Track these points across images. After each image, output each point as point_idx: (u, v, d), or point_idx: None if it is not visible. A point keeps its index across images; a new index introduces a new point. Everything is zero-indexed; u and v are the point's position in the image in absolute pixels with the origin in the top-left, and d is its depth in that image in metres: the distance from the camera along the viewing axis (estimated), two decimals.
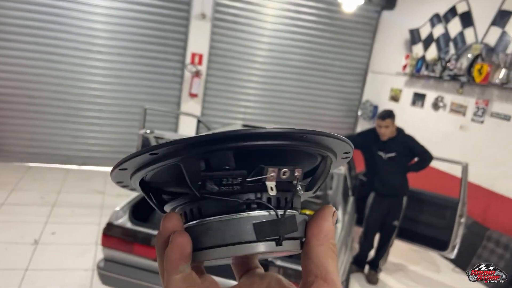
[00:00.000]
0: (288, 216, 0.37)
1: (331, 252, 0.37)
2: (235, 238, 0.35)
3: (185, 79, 6.11)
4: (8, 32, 5.38)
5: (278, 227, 0.36)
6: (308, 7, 6.42)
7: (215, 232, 0.35)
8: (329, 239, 0.38)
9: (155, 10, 5.81)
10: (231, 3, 6.11)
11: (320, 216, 0.39)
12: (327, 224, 0.38)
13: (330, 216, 0.39)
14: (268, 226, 0.35)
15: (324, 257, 0.37)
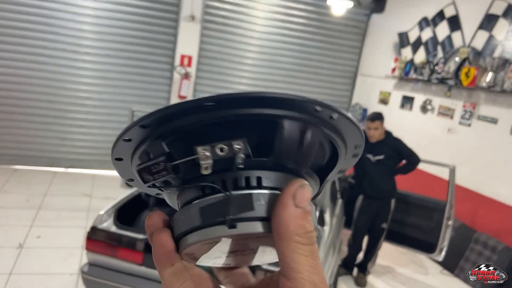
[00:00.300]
0: (239, 195, 0.33)
1: (297, 244, 0.31)
2: (187, 225, 0.34)
3: (174, 81, 6.08)
4: None
5: (225, 208, 0.33)
6: (298, 10, 6.42)
7: (176, 222, 0.35)
8: (291, 231, 0.31)
9: (143, 11, 5.77)
10: (221, 5, 6.09)
11: (278, 201, 0.32)
12: (288, 212, 0.32)
13: (291, 197, 0.32)
14: (213, 208, 0.33)
15: (286, 253, 0.31)
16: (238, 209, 0.32)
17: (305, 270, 0.31)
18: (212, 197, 0.34)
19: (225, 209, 0.33)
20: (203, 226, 0.33)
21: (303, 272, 0.31)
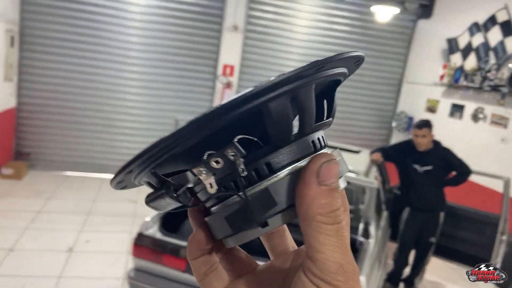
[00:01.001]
0: (256, 194, 0.32)
1: (320, 224, 0.30)
2: (222, 233, 0.35)
3: (216, 90, 6.16)
4: (49, 45, 5.60)
5: (249, 214, 0.32)
6: (341, 17, 6.35)
7: (211, 228, 0.36)
8: (314, 210, 0.30)
9: (188, 23, 5.91)
10: (263, 14, 6.13)
11: (301, 178, 0.31)
12: (310, 191, 0.30)
13: (315, 175, 0.30)
14: (238, 216, 0.33)
15: (310, 233, 0.30)
16: (262, 209, 0.32)
17: (328, 250, 0.30)
18: (231, 203, 0.33)
19: (250, 215, 0.32)
20: (236, 233, 0.34)
21: (326, 253, 0.30)
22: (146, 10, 5.78)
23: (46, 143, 5.89)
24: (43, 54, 5.61)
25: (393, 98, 6.90)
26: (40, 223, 4.26)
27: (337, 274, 0.29)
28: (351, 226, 0.37)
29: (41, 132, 5.87)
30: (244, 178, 0.32)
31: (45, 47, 5.60)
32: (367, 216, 2.98)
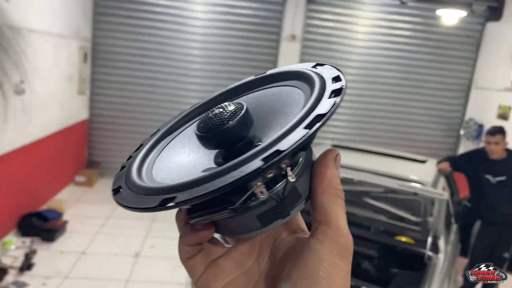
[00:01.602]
0: (289, 194, 0.37)
1: (336, 197, 0.38)
2: (243, 231, 0.39)
3: None
4: (118, 60, 5.95)
5: (281, 210, 0.38)
6: (403, 22, 6.17)
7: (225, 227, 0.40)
8: (333, 185, 0.39)
9: (246, 34, 6.02)
10: (322, 23, 6.10)
11: (322, 163, 0.39)
12: (330, 171, 0.39)
13: (333, 162, 0.39)
14: (271, 213, 0.37)
15: (328, 203, 0.38)
16: (292, 203, 0.38)
17: (341, 219, 0.38)
18: (267, 202, 0.37)
19: (284, 210, 0.38)
20: (264, 227, 0.38)
21: (341, 220, 0.38)
22: (207, 24, 5.97)
23: (115, 152, 6.23)
24: (113, 69, 5.97)
25: (460, 105, 6.55)
26: (109, 228, 4.49)
27: (347, 238, 0.38)
28: (418, 240, 0.40)
29: (111, 142, 6.22)
30: (285, 181, 0.37)
31: (115, 62, 5.95)
32: (436, 229, 2.84)
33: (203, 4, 5.93)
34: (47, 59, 4.49)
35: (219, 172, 0.34)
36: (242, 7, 5.95)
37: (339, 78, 0.44)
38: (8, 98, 3.67)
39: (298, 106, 0.42)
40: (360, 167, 3.10)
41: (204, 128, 0.40)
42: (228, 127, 0.39)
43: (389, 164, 3.51)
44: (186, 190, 0.35)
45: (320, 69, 0.47)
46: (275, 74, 0.50)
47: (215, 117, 0.40)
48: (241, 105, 0.41)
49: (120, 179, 0.42)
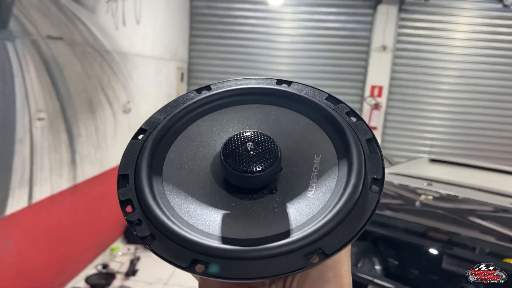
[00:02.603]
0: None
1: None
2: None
3: (364, 112, 6.05)
4: (211, 78, 6.26)
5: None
6: (506, 27, 5.67)
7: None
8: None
9: (334, 47, 5.98)
10: (415, 31, 5.85)
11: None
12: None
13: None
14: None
15: None
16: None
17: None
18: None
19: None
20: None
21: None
22: (295, 39, 6.05)
23: None
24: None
25: None
26: None
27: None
28: None
29: None
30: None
31: (208, 80, 6.28)
32: None
33: (291, 20, 6.03)
34: (149, 80, 4.89)
35: (259, 256, 0.35)
36: (330, 20, 5.94)
37: (368, 132, 0.43)
38: (117, 116, 4.05)
39: (330, 168, 0.41)
40: (465, 184, 2.89)
41: (236, 165, 0.38)
42: (263, 174, 0.38)
43: (497, 180, 3.22)
44: (225, 260, 0.35)
45: (331, 103, 0.47)
46: (297, 97, 0.46)
47: (247, 154, 0.38)
48: (276, 149, 0.39)
49: (129, 192, 0.40)
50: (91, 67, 3.50)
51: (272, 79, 0.49)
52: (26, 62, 2.64)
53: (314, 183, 0.40)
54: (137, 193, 0.39)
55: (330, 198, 0.39)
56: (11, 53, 2.50)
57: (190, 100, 0.47)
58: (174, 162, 0.43)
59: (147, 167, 0.41)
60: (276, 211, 0.39)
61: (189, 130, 0.45)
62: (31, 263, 2.91)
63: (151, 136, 0.43)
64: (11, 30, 2.49)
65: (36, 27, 2.73)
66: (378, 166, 0.40)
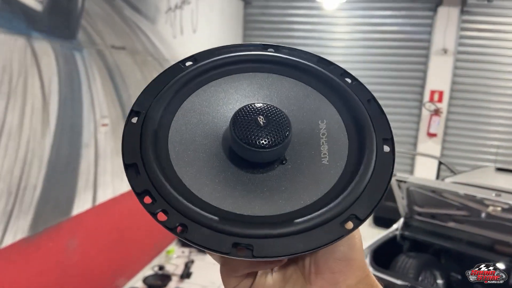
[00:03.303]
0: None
1: None
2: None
3: (422, 118, 5.81)
4: None
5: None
6: None
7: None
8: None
9: (392, 51, 5.81)
10: (478, 34, 5.55)
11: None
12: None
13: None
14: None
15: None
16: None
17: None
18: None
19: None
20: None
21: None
22: (349, 44, 5.95)
23: None
24: None
25: None
26: None
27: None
28: None
29: None
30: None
31: None
32: None
33: (346, 25, 5.94)
34: None
35: (299, 230, 0.35)
36: (387, 24, 5.77)
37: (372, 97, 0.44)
38: None
39: (338, 133, 0.41)
40: None
41: (249, 140, 0.37)
42: (278, 149, 0.37)
43: None
44: (267, 240, 0.34)
45: (324, 66, 0.45)
46: (291, 62, 0.44)
47: (259, 128, 0.37)
48: (287, 120, 0.38)
49: (143, 183, 0.37)
50: (151, 74, 3.63)
51: (258, 44, 0.46)
52: (92, 70, 2.79)
53: (325, 149, 0.40)
54: (153, 183, 0.37)
55: (347, 163, 0.39)
56: (79, 62, 2.65)
57: (179, 74, 0.43)
58: (179, 144, 0.40)
59: (154, 154, 0.38)
60: (296, 181, 0.39)
61: (184, 107, 0.42)
62: (94, 262, 3.05)
63: (148, 119, 0.40)
64: (79, 41, 2.64)
65: (101, 38, 2.88)
66: (386, 126, 0.42)
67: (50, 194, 2.42)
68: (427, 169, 5.56)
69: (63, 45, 2.48)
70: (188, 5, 4.26)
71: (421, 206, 2.98)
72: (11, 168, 2.10)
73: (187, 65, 0.44)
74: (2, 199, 2.07)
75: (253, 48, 0.46)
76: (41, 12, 2.27)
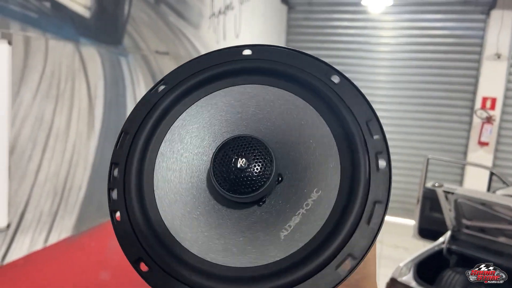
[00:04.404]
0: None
1: None
2: None
3: (473, 126, 5.53)
4: None
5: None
6: None
7: None
8: None
9: (441, 56, 5.59)
10: None
11: None
12: None
13: None
14: None
15: None
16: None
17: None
18: None
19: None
20: None
21: None
22: (395, 49, 5.78)
23: None
24: None
25: None
26: None
27: None
28: None
29: None
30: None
31: None
32: None
33: (393, 29, 5.77)
34: None
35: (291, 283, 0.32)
36: (436, 28, 5.56)
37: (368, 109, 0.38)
38: None
39: (330, 158, 0.36)
40: None
41: (234, 190, 0.35)
42: (262, 191, 0.35)
43: None
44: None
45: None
46: (287, 73, 0.39)
47: (241, 176, 0.35)
48: (271, 157, 0.36)
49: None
50: None
51: (232, 49, 0.43)
52: (136, 75, 2.86)
53: (315, 183, 0.36)
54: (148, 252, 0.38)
55: (338, 196, 0.34)
56: (124, 67, 2.72)
57: (152, 106, 0.41)
58: (164, 189, 0.39)
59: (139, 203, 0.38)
60: (282, 223, 0.36)
61: (161, 150, 0.40)
62: None
63: (130, 166, 0.39)
64: (124, 46, 2.72)
65: (146, 43, 2.95)
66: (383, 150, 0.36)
67: (94, 195, 2.50)
68: (478, 180, 5.28)
69: (109, 51, 2.56)
70: (231, 10, 4.29)
71: (469, 219, 2.83)
72: (57, 170, 2.19)
73: (159, 91, 0.43)
74: (49, 200, 2.15)
75: (225, 55, 0.43)
76: (89, 18, 2.36)
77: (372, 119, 0.37)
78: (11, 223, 1.94)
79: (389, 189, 0.34)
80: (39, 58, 2.02)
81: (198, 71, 0.43)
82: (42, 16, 2.04)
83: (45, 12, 2.06)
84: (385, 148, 0.36)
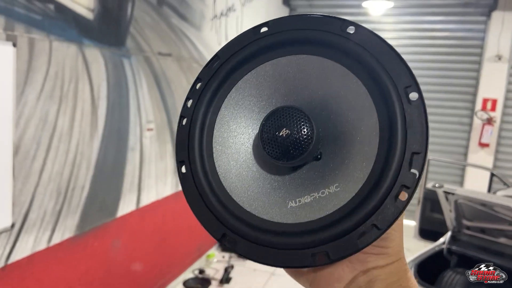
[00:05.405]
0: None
1: None
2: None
3: (474, 127, 5.54)
4: None
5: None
6: None
7: None
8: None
9: (442, 57, 5.60)
10: None
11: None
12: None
13: None
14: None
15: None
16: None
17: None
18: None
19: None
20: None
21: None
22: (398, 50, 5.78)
23: None
24: None
25: None
26: None
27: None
28: None
29: None
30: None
31: None
32: None
33: (393, 30, 5.79)
34: None
35: (339, 233, 0.36)
36: (437, 29, 5.57)
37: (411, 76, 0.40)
38: None
39: (369, 123, 0.39)
40: None
41: (280, 154, 0.39)
42: (304, 156, 0.39)
43: None
44: (334, 242, 0.36)
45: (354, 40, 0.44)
46: (327, 42, 0.44)
47: (283, 143, 0.39)
48: (312, 130, 0.39)
49: (191, 190, 0.46)
50: None
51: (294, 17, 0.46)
52: (139, 76, 2.89)
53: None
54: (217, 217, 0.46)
55: (372, 171, 0.37)
56: (127, 69, 2.75)
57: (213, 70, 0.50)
58: (223, 152, 0.45)
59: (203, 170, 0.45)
60: (331, 179, 0.40)
61: (223, 111, 0.46)
62: (137, 263, 3.13)
63: (194, 125, 0.45)
64: (127, 48, 2.74)
65: (149, 45, 2.97)
66: (420, 135, 0.39)
67: (97, 195, 2.52)
68: (478, 181, 5.30)
69: (112, 52, 2.58)
70: (233, 12, 4.32)
71: (470, 219, 2.84)
72: (61, 170, 2.21)
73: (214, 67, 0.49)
74: (52, 199, 2.17)
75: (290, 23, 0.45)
76: (92, 20, 2.38)
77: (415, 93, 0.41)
78: (15, 222, 1.96)
79: (426, 139, 0.39)
80: (43, 59, 2.05)
81: (247, 44, 0.46)
82: (46, 18, 2.06)
83: (49, 14, 2.08)
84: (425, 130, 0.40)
